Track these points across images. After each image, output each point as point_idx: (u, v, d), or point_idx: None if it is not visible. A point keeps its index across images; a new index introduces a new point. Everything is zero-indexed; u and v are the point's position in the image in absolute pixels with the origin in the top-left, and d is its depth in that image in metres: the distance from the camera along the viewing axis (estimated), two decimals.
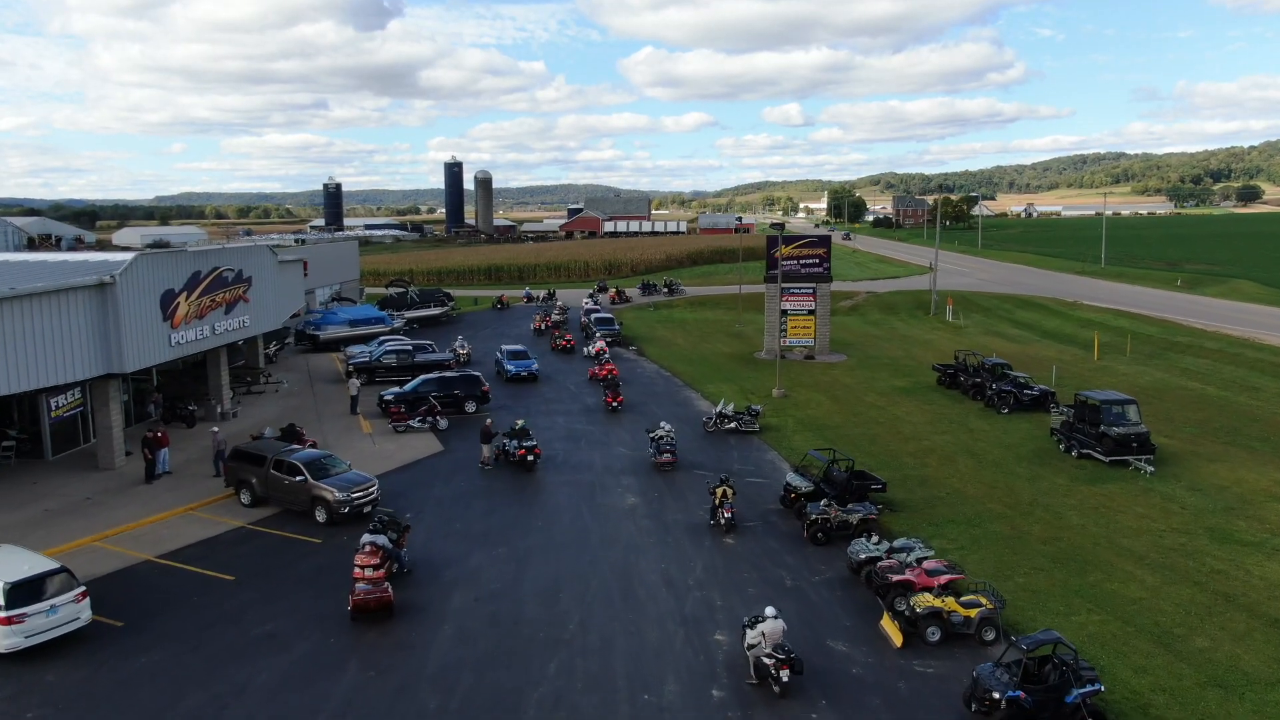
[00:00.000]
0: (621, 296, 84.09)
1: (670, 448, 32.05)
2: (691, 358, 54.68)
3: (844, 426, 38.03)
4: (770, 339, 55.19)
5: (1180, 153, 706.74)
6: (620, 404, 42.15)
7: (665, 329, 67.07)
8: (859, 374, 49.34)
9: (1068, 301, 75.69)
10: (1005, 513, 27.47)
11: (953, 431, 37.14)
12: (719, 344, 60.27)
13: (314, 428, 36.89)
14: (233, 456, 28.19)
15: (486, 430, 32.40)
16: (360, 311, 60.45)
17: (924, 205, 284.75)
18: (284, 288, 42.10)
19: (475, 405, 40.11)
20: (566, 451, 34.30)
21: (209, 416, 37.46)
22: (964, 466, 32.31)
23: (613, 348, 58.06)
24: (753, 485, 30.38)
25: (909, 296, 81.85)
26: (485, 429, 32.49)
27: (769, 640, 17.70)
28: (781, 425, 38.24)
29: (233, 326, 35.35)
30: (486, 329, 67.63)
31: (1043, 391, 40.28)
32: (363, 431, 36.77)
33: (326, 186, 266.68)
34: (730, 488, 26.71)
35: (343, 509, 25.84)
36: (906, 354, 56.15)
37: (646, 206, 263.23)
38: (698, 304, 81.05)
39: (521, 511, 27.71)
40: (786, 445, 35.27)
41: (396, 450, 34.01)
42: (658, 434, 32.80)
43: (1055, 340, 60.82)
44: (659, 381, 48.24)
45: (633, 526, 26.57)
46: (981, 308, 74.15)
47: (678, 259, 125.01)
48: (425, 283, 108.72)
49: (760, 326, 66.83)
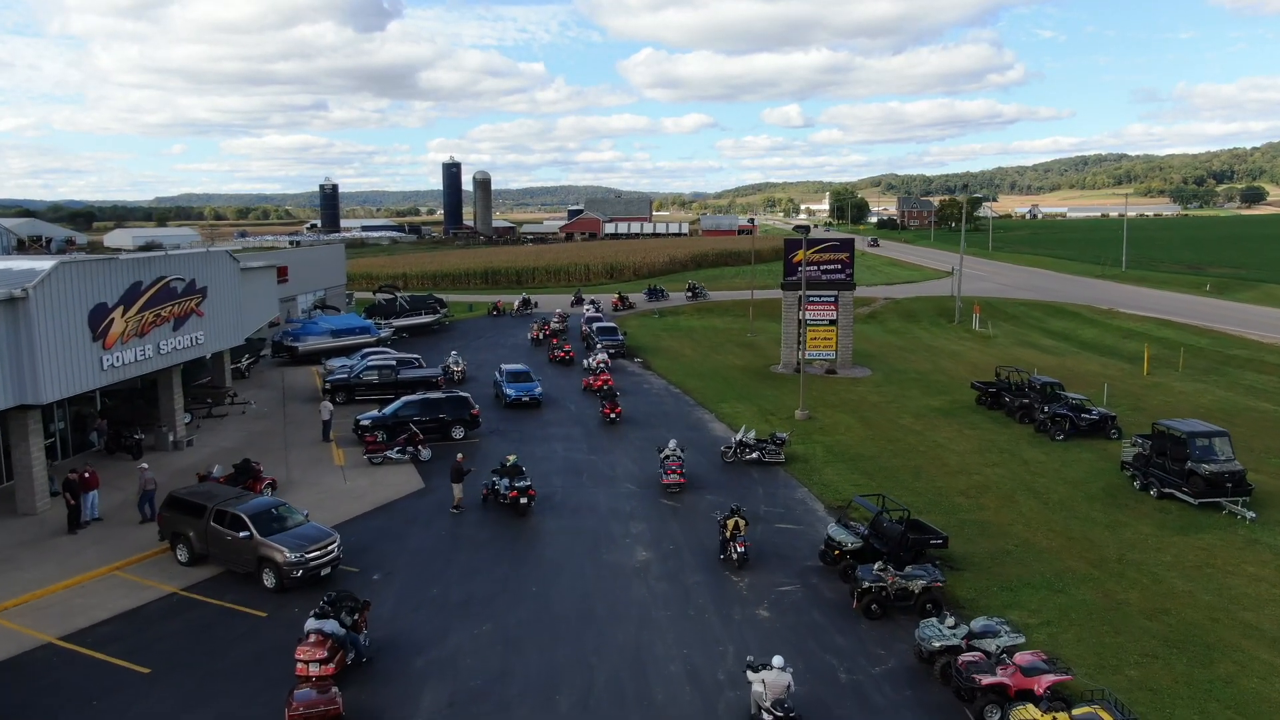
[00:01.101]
0: (625, 303, 79.49)
1: (677, 467, 29.27)
2: (702, 371, 50.21)
3: (880, 456, 33.54)
4: (788, 351, 50.73)
5: (1182, 154, 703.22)
6: (619, 415, 38.55)
7: (672, 338, 62.61)
8: (887, 391, 44.84)
9: (1102, 309, 71.11)
10: (1091, 573, 22.97)
11: (1005, 463, 32.64)
12: (730, 355, 55.81)
13: (278, 459, 32.41)
14: (168, 505, 23.67)
15: (457, 467, 27.62)
16: (343, 321, 55.94)
17: (929, 206, 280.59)
18: (250, 298, 37.62)
19: (464, 431, 35.62)
20: (566, 489, 29.79)
21: (160, 445, 32.97)
22: (1027, 508, 27.82)
23: (616, 359, 53.63)
24: (784, 534, 25.89)
25: (930, 303, 77.30)
26: (456, 466, 27.69)
27: (770, 692, 15.79)
28: (809, 454, 33.75)
29: (183, 345, 30.84)
30: (481, 338, 63.14)
31: (1102, 415, 35.79)
32: (334, 463, 32.25)
33: (323, 188, 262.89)
34: (742, 518, 23.40)
35: (294, 573, 21.32)
36: (935, 367, 51.65)
37: (648, 207, 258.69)
38: (705, 311, 76.57)
39: (512, 571, 23.21)
40: (818, 480, 30.77)
41: (369, 488, 29.49)
42: (665, 453, 30.01)
43: (1095, 352, 56.30)
44: (667, 399, 43.76)
45: (645, 591, 22.08)
46: (1009, 315, 69.61)
47: (681, 261, 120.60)
48: (420, 287, 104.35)
49: (774, 336, 62.38)
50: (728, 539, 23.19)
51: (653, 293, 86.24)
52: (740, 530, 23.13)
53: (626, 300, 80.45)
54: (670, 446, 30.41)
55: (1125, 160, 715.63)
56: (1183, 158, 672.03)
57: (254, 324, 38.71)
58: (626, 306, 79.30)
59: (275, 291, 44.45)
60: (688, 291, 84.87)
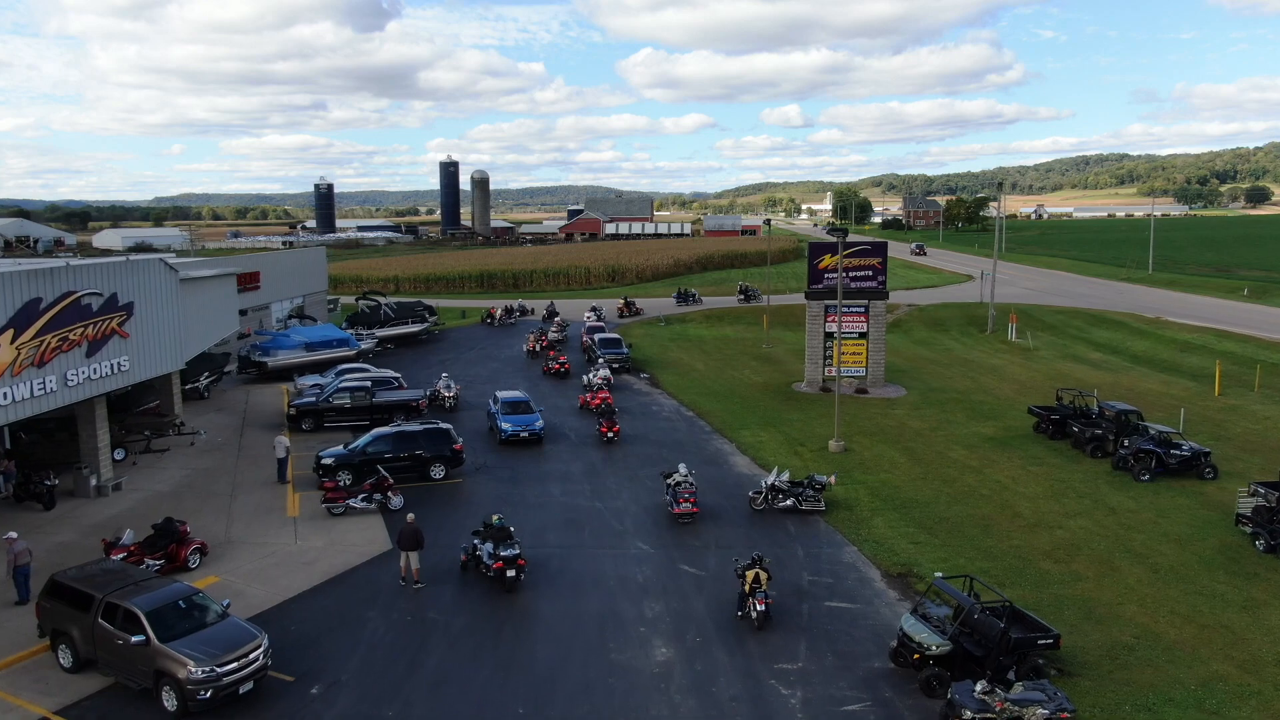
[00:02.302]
0: (631, 309, 74.06)
1: (690, 494, 26.35)
2: (716, 390, 44.93)
3: (936, 502, 28.25)
4: (812, 367, 45.43)
5: (1184, 154, 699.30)
6: (616, 434, 34.78)
7: (680, 350, 57.31)
8: (929, 415, 39.55)
9: (1149, 317, 65.60)
10: (1246, 682, 17.68)
11: (1088, 512, 27.35)
12: (746, 370, 50.50)
13: (219, 508, 27.12)
14: (48, 592, 18.36)
15: (409, 532, 21.98)
16: (319, 332, 50.59)
17: (935, 206, 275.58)
18: (197, 312, 32.34)
19: (444, 469, 30.34)
20: (564, 550, 24.50)
21: (80, 491, 27.67)
22: (1134, 578, 22.54)
23: (620, 375, 48.42)
24: (838, 618, 20.60)
25: (957, 310, 71.87)
26: (407, 531, 22.06)
27: None
28: (852, 499, 28.47)
29: (101, 373, 25.53)
30: (473, 349, 57.86)
31: (1194, 451, 30.47)
32: (286, 514, 26.95)
33: (318, 187, 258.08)
34: (765, 570, 20.06)
35: (202, 692, 16.03)
36: (976, 385, 46.35)
37: (649, 207, 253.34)
38: (714, 318, 71.22)
39: (493, 680, 17.90)
40: (867, 536, 25.50)
41: (325, 550, 24.18)
42: (675, 479, 26.89)
43: (1151, 367, 50.94)
44: (680, 425, 38.50)
45: (667, 711, 16.80)
46: (1047, 325, 64.20)
47: (686, 263, 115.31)
48: (412, 290, 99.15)
49: (792, 347, 57.13)
50: (747, 593, 19.92)
51: (684, 296, 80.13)
52: (762, 584, 19.84)
53: (633, 306, 75.03)
54: (681, 472, 27.11)
55: (1127, 160, 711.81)
56: (1185, 158, 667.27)
57: (202, 342, 33.41)
58: (633, 313, 73.94)
59: (234, 303, 39.15)
60: (739, 295, 79.48)
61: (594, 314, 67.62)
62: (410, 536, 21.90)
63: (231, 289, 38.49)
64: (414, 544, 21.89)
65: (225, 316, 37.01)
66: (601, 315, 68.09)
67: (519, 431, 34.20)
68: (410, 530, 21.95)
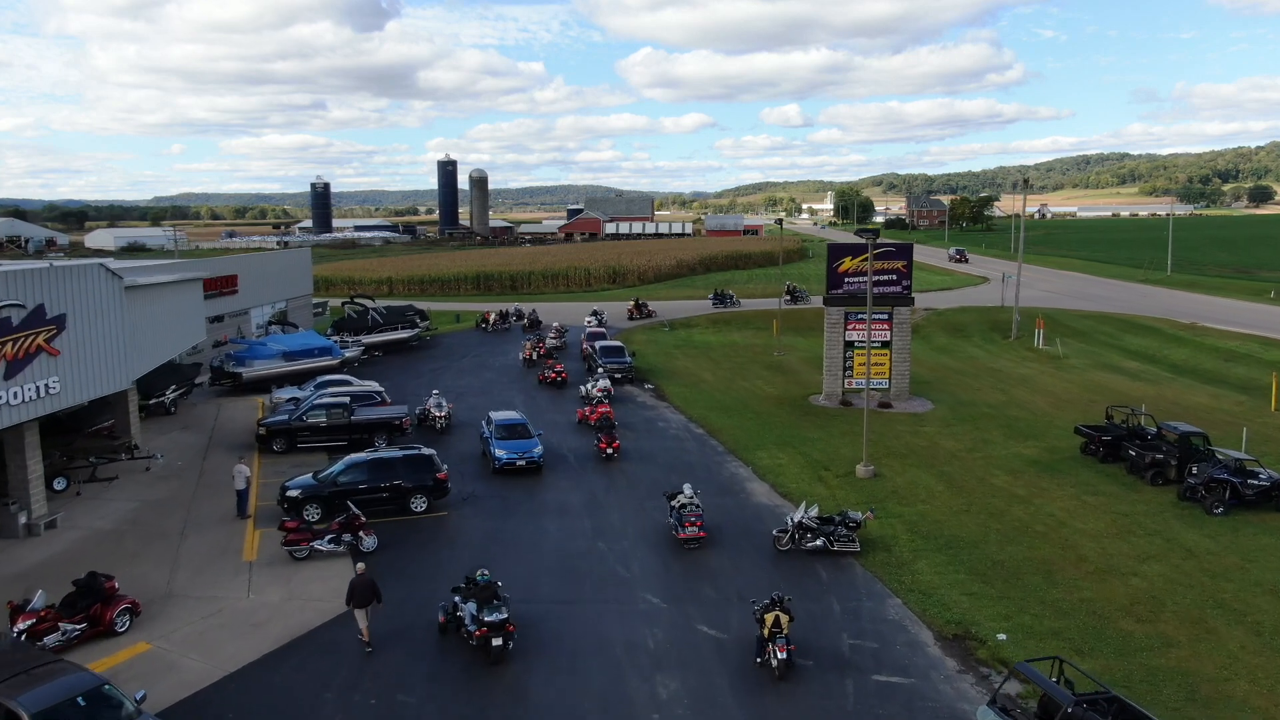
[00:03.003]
0: (643, 311, 70.80)
1: (697, 517, 24.35)
2: (726, 403, 41.48)
3: (985, 541, 24.78)
4: (831, 379, 41.96)
5: (1185, 153, 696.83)
6: (616, 450, 32.23)
7: (686, 358, 53.86)
8: (962, 433, 36.10)
9: (1184, 323, 62.10)
10: None
11: (1162, 554, 23.88)
12: (758, 380, 47.06)
13: (166, 550, 23.64)
14: None
15: (361, 586, 18.51)
16: (299, 340, 47.11)
17: (939, 206, 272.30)
18: (151, 323, 28.85)
19: (426, 502, 26.88)
20: (561, 606, 21.00)
21: (7, 529, 24.19)
22: (1234, 643, 19.07)
23: (622, 385, 45.02)
24: (890, 697, 17.11)
25: (977, 315, 68.35)
26: (358, 584, 18.59)
27: None
28: (889, 537, 25.01)
29: (23, 397, 22.01)
30: (466, 357, 54.42)
31: (1274, 481, 27.00)
32: (242, 557, 23.46)
33: (314, 186, 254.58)
34: (786, 612, 17.84)
35: None
36: (1008, 398, 42.88)
37: (649, 207, 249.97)
38: (721, 323, 67.81)
39: None
40: (912, 585, 22.04)
41: (280, 606, 20.67)
42: (680, 500, 24.91)
43: (1194, 378, 47.47)
44: (689, 444, 35.06)
45: None
46: (1075, 331, 60.69)
47: (690, 264, 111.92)
48: (405, 293, 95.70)
49: (805, 355, 53.73)
50: (766, 638, 17.97)
51: (721, 298, 76.57)
52: (783, 628, 17.80)
53: (645, 308, 71.64)
54: (686, 493, 25.13)
55: (1128, 160, 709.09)
56: (1186, 157, 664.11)
57: (157, 356, 29.91)
58: (645, 315, 70.61)
59: (200, 309, 35.66)
60: (785, 296, 76.26)
61: (595, 319, 64.23)
62: (362, 591, 18.49)
63: (197, 295, 35.02)
64: (366, 599, 18.49)
65: (189, 325, 33.52)
66: (604, 320, 64.70)
67: (515, 460, 30.35)
68: (362, 583, 18.56)
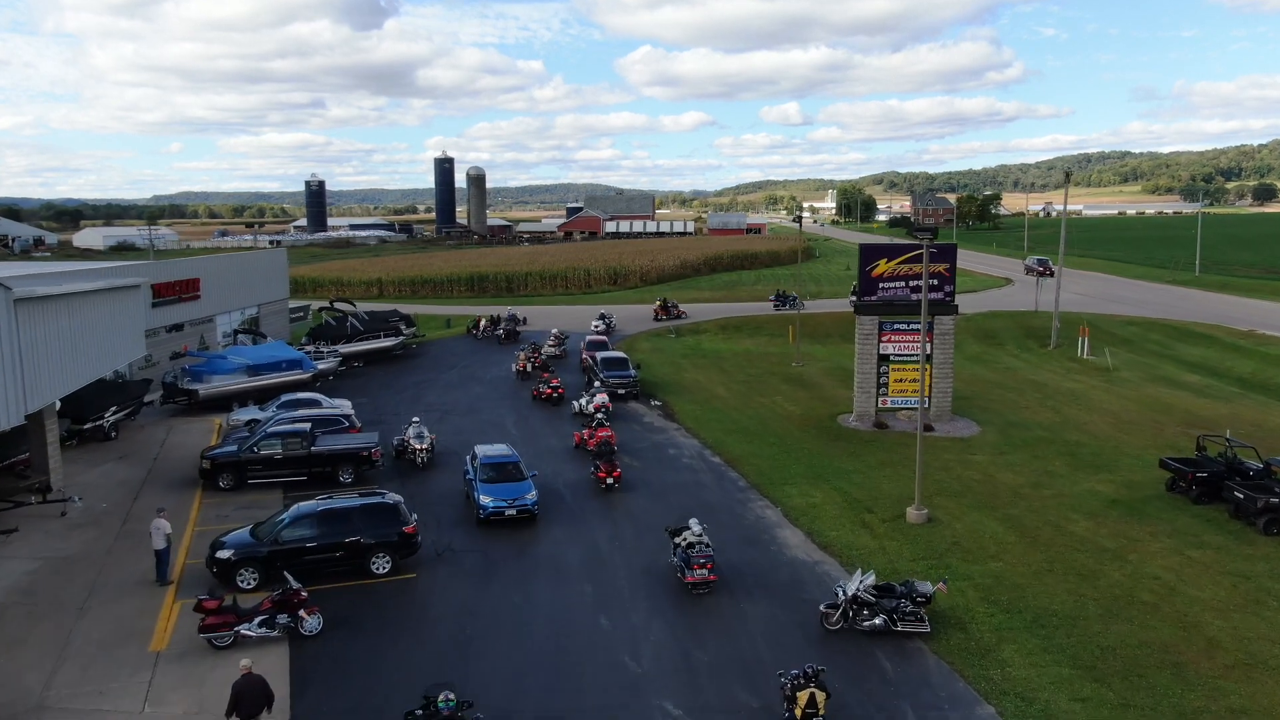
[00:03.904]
0: (670, 313, 66.14)
1: (707, 559, 20.96)
2: (745, 425, 36.63)
3: (1082, 615, 19.87)
4: (864, 397, 37.06)
5: (1187, 151, 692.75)
6: (618, 480, 28.12)
7: (696, 369, 48.96)
8: (1019, 463, 31.20)
9: (1240, 330, 57.18)
10: None
11: None
12: (778, 397, 42.17)
13: (55, 633, 18.76)
14: None
15: (246, 690, 14.13)
16: (265, 352, 42.20)
17: (945, 204, 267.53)
18: (62, 341, 23.98)
19: (389, 561, 22.02)
20: None
21: None
22: None
23: (627, 401, 40.29)
24: None
25: (1010, 321, 63.39)
26: (242, 686, 14.20)
27: None
28: (963, 610, 20.13)
29: None
30: (454, 369, 49.56)
31: None
32: (149, 645, 18.53)
33: (309, 184, 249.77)
34: (822, 689, 15.11)
35: None
36: (1061, 418, 38.01)
37: (650, 205, 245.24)
38: (730, 328, 62.89)
39: None
40: (1002, 683, 17.16)
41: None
42: (686, 538, 21.51)
43: (1266, 394, 42.58)
44: (705, 475, 30.23)
45: None
46: (1120, 339, 55.76)
47: (694, 265, 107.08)
48: (396, 295, 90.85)
49: (827, 366, 48.88)
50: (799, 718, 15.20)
51: (783, 299, 71.09)
52: (819, 708, 15.14)
53: (674, 310, 66.91)
54: (694, 530, 21.64)
55: (1130, 158, 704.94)
56: (1188, 155, 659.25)
57: (72, 380, 25.04)
58: (674, 317, 65.88)
59: (137, 321, 30.82)
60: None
61: (602, 323, 59.71)
62: (251, 698, 13.78)
63: (134, 304, 30.18)
64: (256, 707, 13.75)
65: (121, 340, 28.67)
66: (613, 324, 60.25)
67: (503, 509, 25.10)
68: (249, 687, 13.90)
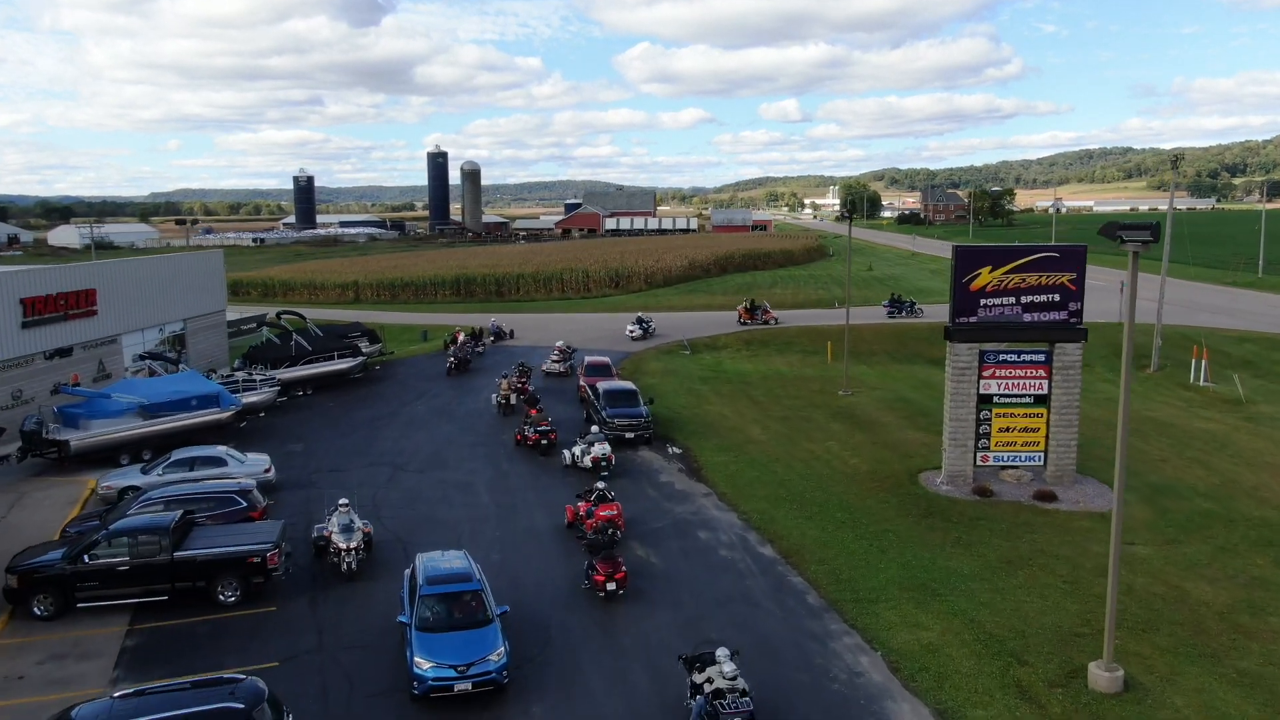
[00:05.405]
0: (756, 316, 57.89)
1: (747, 716, 13.76)
2: (797, 488, 27.13)
3: None
4: (957, 452, 27.52)
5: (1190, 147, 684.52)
6: (621, 583, 19.40)
7: (720, 398, 39.37)
8: (1202, 559, 21.75)
9: None
10: None
11: None
12: (830, 441, 32.58)
13: None
14: None
15: None
16: (169, 386, 32.57)
17: (955, 200, 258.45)
18: None
19: None
20: None
21: None
22: None
23: (638, 449, 31.03)
24: None
25: (1091, 336, 53.70)
26: None
27: None
28: None
29: None
30: (422, 397, 40.12)
31: None
32: None
33: (297, 180, 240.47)
34: None
35: None
36: (1218, 476, 28.56)
37: (651, 201, 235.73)
38: (755, 342, 53.29)
39: None
40: None
41: None
42: (715, 682, 14.16)
43: None
44: (753, 579, 20.83)
45: None
46: (1236, 359, 46.27)
47: (703, 265, 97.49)
48: (373, 300, 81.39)
49: (875, 392, 39.29)
50: None
51: (899, 305, 60.55)
52: None
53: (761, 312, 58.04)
54: (726, 670, 14.28)
55: (1131, 154, 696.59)
56: (1192, 151, 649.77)
57: None
58: (763, 322, 57.15)
59: None
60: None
61: (639, 327, 52.15)
62: None
63: None
64: None
65: None
66: (650, 329, 52.63)
67: (450, 681, 15.39)
68: None
